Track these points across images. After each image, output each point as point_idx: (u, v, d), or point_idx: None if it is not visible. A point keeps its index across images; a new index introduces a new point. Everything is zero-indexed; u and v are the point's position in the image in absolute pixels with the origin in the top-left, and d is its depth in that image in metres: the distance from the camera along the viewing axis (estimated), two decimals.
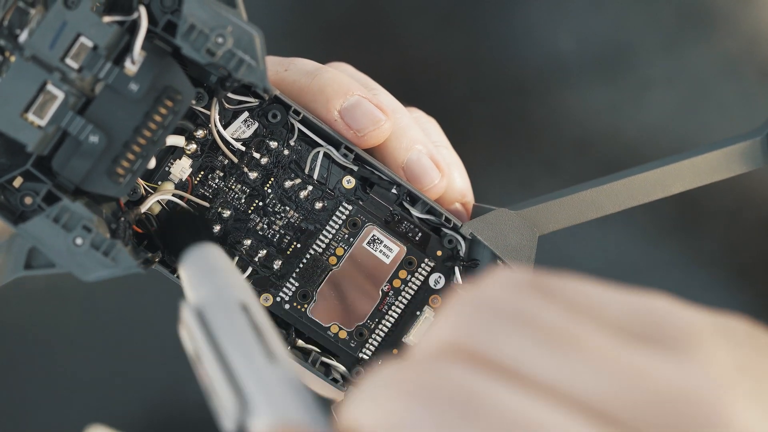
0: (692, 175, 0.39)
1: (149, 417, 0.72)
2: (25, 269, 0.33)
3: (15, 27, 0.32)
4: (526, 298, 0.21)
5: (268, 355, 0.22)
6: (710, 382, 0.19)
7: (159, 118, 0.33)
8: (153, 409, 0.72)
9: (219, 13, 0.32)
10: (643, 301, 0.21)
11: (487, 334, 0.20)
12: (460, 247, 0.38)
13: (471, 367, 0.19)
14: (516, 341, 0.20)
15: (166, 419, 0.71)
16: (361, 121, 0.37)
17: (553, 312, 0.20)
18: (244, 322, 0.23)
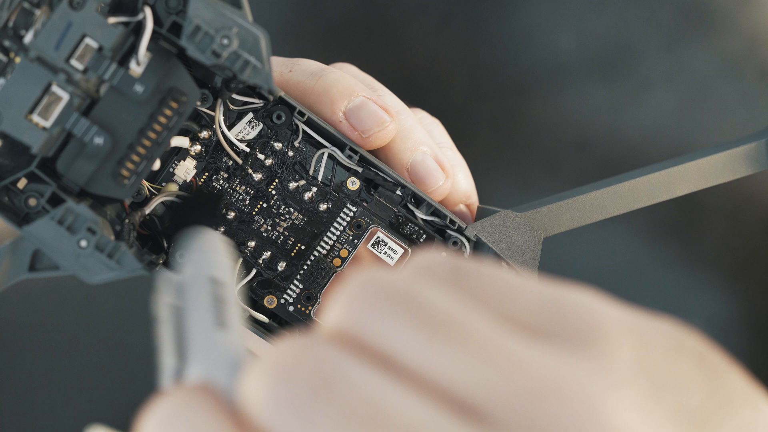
0: (697, 177, 0.39)
1: None
2: (29, 272, 0.33)
3: (20, 28, 0.32)
4: (425, 284, 0.20)
5: (219, 324, 0.23)
6: (594, 379, 0.19)
7: (164, 119, 0.33)
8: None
9: (224, 15, 0.32)
10: (558, 295, 0.21)
11: (369, 320, 0.20)
12: (465, 249, 0.38)
13: (343, 350, 0.19)
14: (397, 328, 0.20)
15: None
16: (365, 123, 0.37)
17: (450, 300, 0.20)
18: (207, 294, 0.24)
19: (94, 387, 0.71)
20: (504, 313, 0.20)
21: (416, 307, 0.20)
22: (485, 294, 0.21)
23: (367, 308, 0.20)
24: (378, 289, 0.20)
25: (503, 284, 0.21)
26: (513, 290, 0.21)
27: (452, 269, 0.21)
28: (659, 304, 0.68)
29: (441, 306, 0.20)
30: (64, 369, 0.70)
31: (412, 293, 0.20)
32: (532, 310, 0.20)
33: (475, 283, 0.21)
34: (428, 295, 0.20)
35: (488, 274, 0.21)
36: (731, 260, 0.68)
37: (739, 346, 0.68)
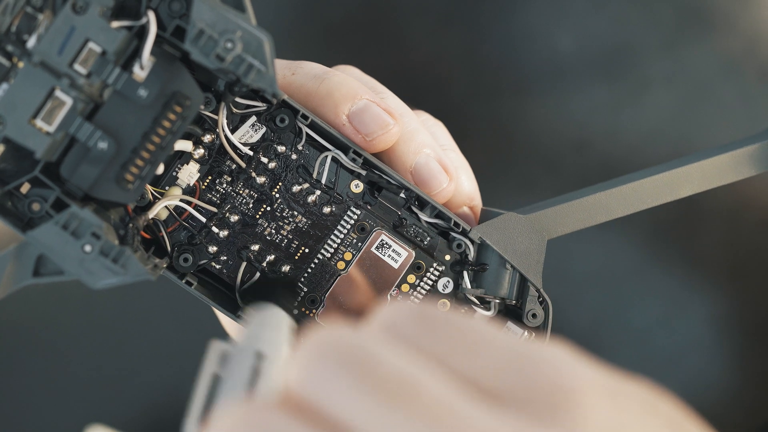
0: (701, 179, 0.39)
1: (149, 417, 0.71)
2: (33, 277, 0.33)
3: (23, 33, 0.32)
4: (383, 344, 0.20)
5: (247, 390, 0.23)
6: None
7: (168, 123, 0.33)
8: (153, 409, 0.71)
9: (228, 18, 0.32)
10: (528, 352, 0.20)
11: (320, 384, 0.20)
12: (469, 251, 0.38)
13: (290, 417, 0.19)
14: (346, 393, 0.19)
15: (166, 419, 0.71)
16: (369, 126, 0.37)
17: (407, 361, 0.20)
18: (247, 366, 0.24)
19: (94, 387, 0.71)
20: (467, 373, 0.20)
21: (368, 371, 0.19)
22: (449, 350, 0.20)
23: (319, 372, 0.20)
24: (333, 350, 0.20)
25: (470, 339, 0.20)
26: (480, 346, 0.20)
27: (418, 322, 0.20)
28: (659, 304, 0.68)
29: (395, 370, 0.19)
30: (64, 369, 0.70)
31: (368, 355, 0.19)
32: (499, 369, 0.20)
33: (441, 337, 0.20)
34: (383, 358, 0.19)
35: (455, 327, 0.20)
36: (731, 260, 0.68)
37: (739, 346, 0.68)
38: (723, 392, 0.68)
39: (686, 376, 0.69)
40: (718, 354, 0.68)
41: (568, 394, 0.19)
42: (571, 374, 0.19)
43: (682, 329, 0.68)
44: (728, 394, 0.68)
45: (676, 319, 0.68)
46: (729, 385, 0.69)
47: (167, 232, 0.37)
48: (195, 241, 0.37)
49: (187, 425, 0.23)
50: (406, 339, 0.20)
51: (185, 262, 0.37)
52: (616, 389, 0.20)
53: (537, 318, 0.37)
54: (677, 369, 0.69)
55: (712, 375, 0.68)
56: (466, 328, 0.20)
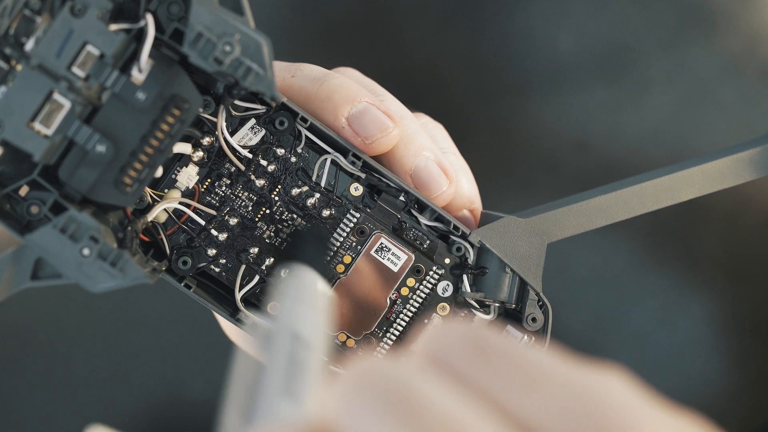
0: (702, 182, 0.39)
1: (149, 417, 0.71)
2: (31, 280, 0.33)
3: (21, 35, 0.32)
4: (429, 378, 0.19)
5: (287, 392, 0.23)
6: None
7: (166, 126, 0.33)
8: (153, 409, 0.71)
9: (226, 21, 0.32)
10: (588, 388, 0.19)
11: (359, 421, 0.19)
12: (469, 254, 0.38)
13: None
14: None
15: (166, 419, 0.71)
16: (368, 128, 0.37)
17: (454, 401, 0.18)
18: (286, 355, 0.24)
19: (94, 387, 0.71)
20: (519, 411, 0.19)
21: (410, 409, 0.18)
22: (502, 386, 0.19)
23: (358, 405, 0.19)
24: (373, 383, 0.19)
25: (526, 373, 0.19)
26: (535, 380, 0.19)
27: (469, 351, 0.19)
28: (659, 304, 0.68)
29: (440, 409, 0.18)
30: (64, 369, 0.70)
31: (411, 392, 0.18)
32: (554, 408, 0.18)
33: (493, 371, 0.19)
34: (427, 394, 0.18)
35: (510, 358, 0.19)
36: (730, 261, 0.68)
37: (738, 347, 0.68)
38: (722, 392, 0.68)
39: (685, 376, 0.69)
40: (717, 354, 0.68)
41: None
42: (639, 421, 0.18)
43: (682, 329, 0.68)
44: (727, 394, 0.68)
45: (676, 320, 0.68)
46: (728, 385, 0.68)
47: (166, 235, 0.37)
48: (194, 243, 0.37)
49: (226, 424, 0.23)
50: (453, 371, 0.19)
51: (184, 265, 0.36)
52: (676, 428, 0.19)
53: (537, 322, 0.37)
54: (676, 369, 0.69)
55: (712, 375, 0.68)
56: (522, 361, 0.19)
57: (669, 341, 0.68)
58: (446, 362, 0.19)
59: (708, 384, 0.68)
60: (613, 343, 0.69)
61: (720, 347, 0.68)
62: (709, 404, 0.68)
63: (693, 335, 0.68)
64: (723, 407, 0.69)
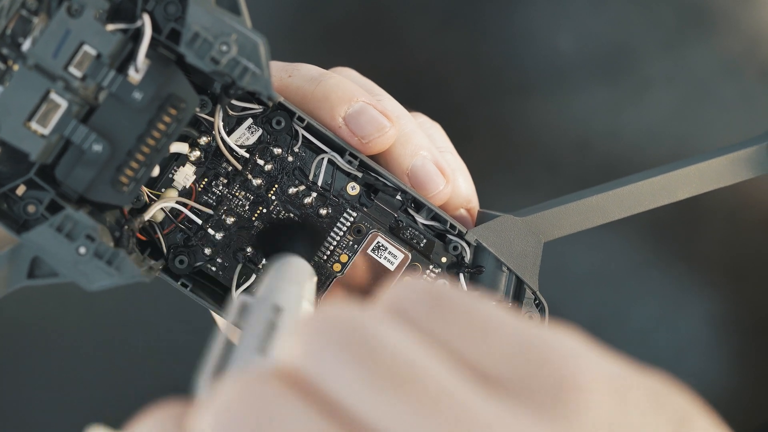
0: (698, 181, 0.39)
1: None
2: (28, 279, 0.33)
3: (18, 35, 0.32)
4: (389, 324, 0.20)
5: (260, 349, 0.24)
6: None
7: (163, 126, 0.33)
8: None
9: (223, 21, 0.32)
10: (538, 339, 0.19)
11: (320, 362, 0.19)
12: (465, 253, 0.38)
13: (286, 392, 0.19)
14: (345, 374, 0.19)
15: None
16: (365, 128, 0.37)
17: (412, 344, 0.19)
18: (263, 319, 0.25)
19: (94, 387, 0.71)
20: (473, 359, 0.19)
21: (368, 353, 0.19)
22: (457, 334, 0.20)
23: (321, 349, 0.19)
24: (337, 328, 0.20)
25: (480, 323, 0.20)
26: (490, 331, 0.20)
27: (427, 303, 0.20)
28: (658, 303, 0.68)
29: (396, 353, 0.19)
30: (64, 369, 0.70)
31: (371, 336, 0.19)
32: (506, 355, 0.19)
33: (449, 320, 0.20)
34: (386, 340, 0.19)
35: (466, 310, 0.20)
36: (730, 260, 0.68)
37: (738, 346, 0.68)
38: (722, 392, 0.68)
39: (685, 376, 0.69)
40: (717, 353, 0.68)
41: (573, 388, 0.19)
42: (579, 367, 0.19)
43: (681, 329, 0.68)
44: (727, 393, 0.68)
45: (675, 319, 0.68)
46: (728, 385, 0.68)
47: (163, 234, 0.37)
48: (191, 243, 0.37)
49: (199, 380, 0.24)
50: (412, 320, 0.20)
51: (181, 264, 0.37)
52: (625, 383, 0.19)
53: (533, 320, 0.37)
54: (676, 369, 0.69)
55: (711, 375, 0.68)
56: (477, 312, 0.20)
57: (669, 341, 0.68)
58: (406, 313, 0.20)
59: (708, 384, 0.68)
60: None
61: (720, 347, 0.68)
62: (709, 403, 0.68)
63: (693, 335, 0.68)
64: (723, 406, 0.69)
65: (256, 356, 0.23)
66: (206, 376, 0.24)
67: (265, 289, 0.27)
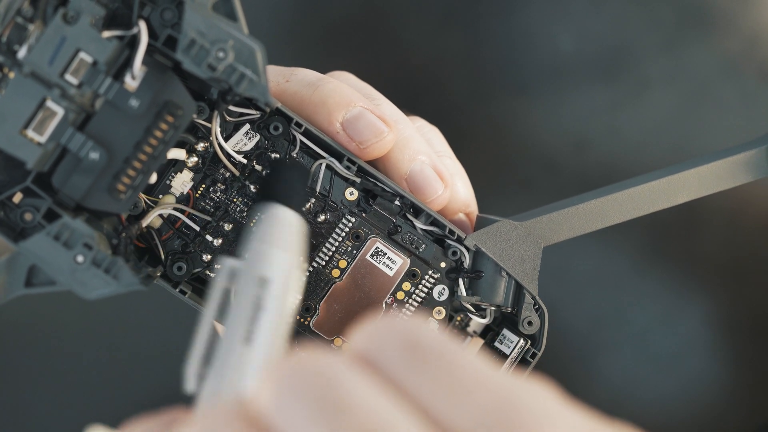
0: (697, 185, 0.39)
1: None
2: (25, 287, 0.33)
3: (13, 43, 0.32)
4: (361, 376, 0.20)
5: (246, 339, 0.24)
6: None
7: (160, 133, 0.33)
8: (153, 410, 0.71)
9: (220, 27, 0.32)
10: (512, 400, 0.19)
11: (284, 412, 0.19)
12: (464, 258, 0.38)
13: None
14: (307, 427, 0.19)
15: None
16: (363, 133, 0.37)
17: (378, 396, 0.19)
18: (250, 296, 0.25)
19: (94, 387, 0.71)
20: (443, 417, 0.19)
21: (337, 406, 0.19)
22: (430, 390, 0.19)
23: (288, 397, 0.19)
24: (306, 379, 0.19)
25: (457, 379, 0.20)
26: (463, 387, 0.19)
27: (402, 351, 0.20)
28: (658, 304, 0.68)
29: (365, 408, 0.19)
30: (64, 369, 0.70)
31: (339, 389, 0.19)
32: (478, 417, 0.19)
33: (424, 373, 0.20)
34: (356, 393, 0.19)
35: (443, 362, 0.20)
36: (730, 261, 0.68)
37: (737, 347, 0.68)
38: (722, 393, 0.68)
39: (685, 377, 0.69)
40: (717, 354, 0.68)
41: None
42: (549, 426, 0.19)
43: (681, 330, 0.68)
44: (727, 394, 0.68)
45: (675, 320, 0.68)
46: (728, 386, 0.68)
47: (161, 240, 0.37)
48: (189, 249, 0.37)
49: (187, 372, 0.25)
50: (386, 372, 0.20)
51: (179, 270, 0.36)
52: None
53: (533, 325, 0.37)
54: (676, 369, 0.69)
55: (711, 375, 0.68)
56: (455, 365, 0.20)
57: (669, 341, 0.68)
58: (379, 361, 0.20)
59: (708, 384, 0.68)
60: (613, 343, 0.69)
61: (719, 347, 0.68)
62: (709, 404, 0.68)
63: (693, 335, 0.68)
64: (723, 407, 0.69)
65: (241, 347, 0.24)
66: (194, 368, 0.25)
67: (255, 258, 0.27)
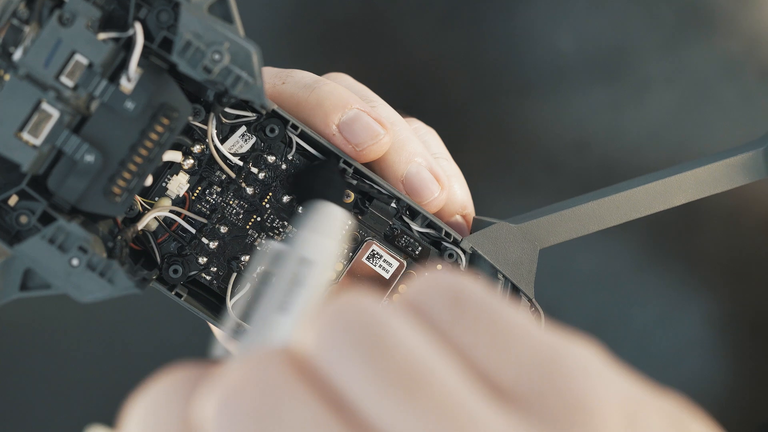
0: (694, 187, 0.38)
1: None
2: (20, 291, 0.33)
3: (9, 45, 0.32)
4: (406, 321, 0.19)
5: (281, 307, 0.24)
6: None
7: (155, 135, 0.33)
8: None
9: (215, 29, 0.32)
10: (556, 353, 0.19)
11: (332, 353, 0.19)
12: (461, 261, 0.37)
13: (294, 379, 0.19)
14: (355, 369, 0.19)
15: None
16: (359, 135, 0.37)
17: (427, 347, 0.19)
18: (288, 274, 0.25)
19: (94, 387, 0.71)
20: (489, 369, 0.19)
21: (382, 351, 0.19)
22: (476, 341, 0.19)
23: (334, 340, 0.19)
24: (352, 320, 0.19)
25: (501, 331, 0.19)
26: (509, 340, 0.19)
27: (449, 303, 0.20)
28: (658, 304, 0.68)
29: (411, 355, 0.19)
30: (64, 369, 0.70)
31: (386, 333, 0.19)
32: (522, 368, 0.19)
33: (470, 325, 0.19)
34: (403, 339, 0.19)
35: (488, 315, 0.19)
36: (730, 261, 0.68)
37: (737, 347, 0.68)
38: (722, 392, 0.68)
39: (685, 377, 0.69)
40: (717, 354, 0.68)
41: (585, 411, 0.19)
42: (594, 389, 0.19)
43: (681, 330, 0.68)
44: (727, 394, 0.68)
45: (675, 320, 0.68)
46: (728, 386, 0.68)
47: (157, 243, 0.36)
48: (185, 252, 0.37)
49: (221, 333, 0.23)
50: (432, 321, 0.20)
51: (175, 273, 0.36)
52: (642, 404, 0.19)
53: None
54: (676, 369, 0.69)
55: (711, 375, 0.68)
56: (498, 318, 0.20)
57: (669, 341, 0.68)
58: (426, 311, 0.20)
59: (707, 384, 0.68)
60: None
61: (720, 347, 0.68)
62: (709, 404, 0.68)
63: (693, 335, 0.68)
64: (722, 407, 0.69)
65: (276, 315, 0.23)
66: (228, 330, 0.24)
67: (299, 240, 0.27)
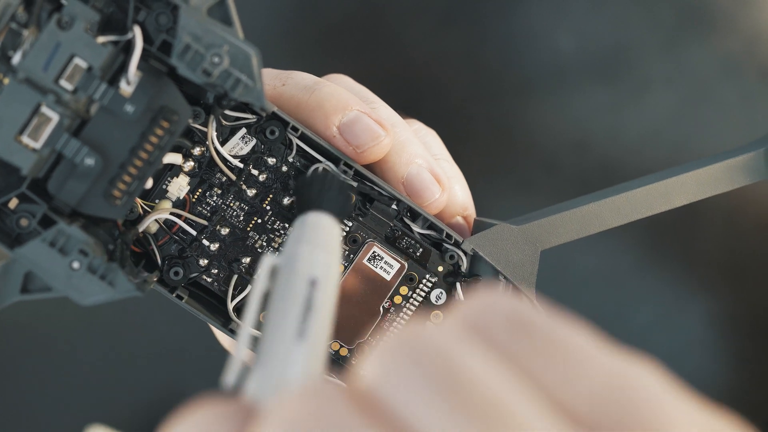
0: (695, 188, 0.38)
1: (149, 417, 0.71)
2: (21, 293, 0.33)
3: (8, 49, 0.31)
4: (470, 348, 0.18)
5: (299, 334, 0.22)
6: None
7: (155, 138, 0.33)
8: (152, 410, 0.72)
9: (215, 32, 0.32)
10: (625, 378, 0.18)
11: (398, 387, 0.18)
12: (462, 262, 0.37)
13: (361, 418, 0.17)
14: (424, 403, 0.17)
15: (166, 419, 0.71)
16: (360, 137, 0.36)
17: (494, 375, 0.18)
18: (300, 295, 0.23)
19: (94, 387, 0.71)
20: (561, 396, 0.18)
21: (454, 381, 0.17)
22: (544, 367, 0.18)
23: (399, 371, 0.18)
24: (413, 350, 0.18)
25: (568, 356, 0.18)
26: (578, 366, 0.18)
27: (511, 326, 0.19)
28: (658, 304, 0.68)
29: (485, 385, 0.17)
30: (64, 369, 0.70)
31: (455, 362, 0.18)
32: (593, 395, 0.18)
33: (536, 350, 0.18)
34: (473, 368, 0.18)
35: (553, 339, 0.18)
36: (730, 262, 0.67)
37: (737, 347, 0.68)
38: (722, 392, 0.68)
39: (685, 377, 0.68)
40: (717, 354, 0.68)
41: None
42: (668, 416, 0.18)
43: (681, 329, 0.68)
44: (727, 394, 0.68)
45: (675, 320, 0.68)
46: (728, 385, 0.68)
47: (157, 245, 0.36)
48: (185, 254, 0.37)
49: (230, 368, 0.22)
50: (495, 345, 0.18)
51: (176, 275, 0.36)
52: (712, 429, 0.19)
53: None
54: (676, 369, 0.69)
55: (711, 375, 0.68)
56: (565, 343, 0.19)
57: (669, 341, 0.68)
58: (487, 334, 0.19)
59: (707, 384, 0.68)
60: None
61: (720, 347, 0.68)
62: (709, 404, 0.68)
63: (693, 335, 0.68)
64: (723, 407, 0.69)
65: (294, 343, 0.22)
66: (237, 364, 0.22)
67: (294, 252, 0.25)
